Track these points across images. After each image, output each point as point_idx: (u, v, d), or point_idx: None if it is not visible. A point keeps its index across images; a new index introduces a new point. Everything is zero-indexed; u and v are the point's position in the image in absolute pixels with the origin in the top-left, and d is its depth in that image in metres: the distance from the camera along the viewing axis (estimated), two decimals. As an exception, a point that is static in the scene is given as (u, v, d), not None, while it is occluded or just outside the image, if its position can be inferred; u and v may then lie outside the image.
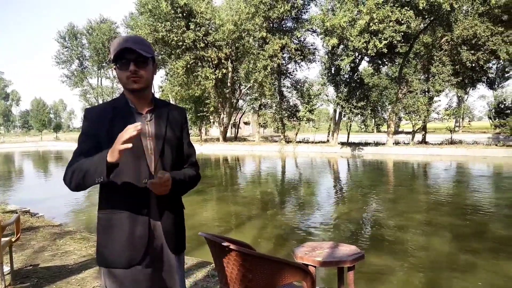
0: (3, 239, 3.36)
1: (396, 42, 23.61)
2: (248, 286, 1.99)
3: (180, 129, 1.66)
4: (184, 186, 1.60)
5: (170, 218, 1.57)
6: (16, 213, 6.00)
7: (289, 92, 35.48)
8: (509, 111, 27.41)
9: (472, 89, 37.84)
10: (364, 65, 37.51)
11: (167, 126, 1.59)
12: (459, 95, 37.66)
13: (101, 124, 1.51)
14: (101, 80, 59.00)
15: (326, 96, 33.25)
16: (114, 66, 1.52)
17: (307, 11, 32.38)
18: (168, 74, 36.19)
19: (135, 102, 1.57)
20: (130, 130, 1.25)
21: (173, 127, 1.62)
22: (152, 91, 1.63)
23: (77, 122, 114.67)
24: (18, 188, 15.24)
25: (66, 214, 9.16)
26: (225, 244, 1.95)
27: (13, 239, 3.62)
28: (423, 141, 29.58)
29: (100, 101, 55.53)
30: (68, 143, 49.29)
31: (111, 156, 1.28)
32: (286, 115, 33.91)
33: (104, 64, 54.72)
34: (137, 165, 1.49)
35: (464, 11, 26.22)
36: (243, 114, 49.14)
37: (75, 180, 1.39)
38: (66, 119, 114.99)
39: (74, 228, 6.61)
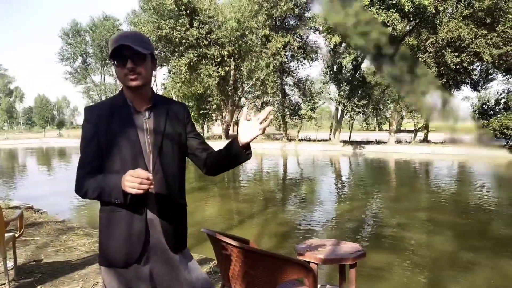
0: (6, 234, 3.36)
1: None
2: (250, 282, 2.01)
3: (181, 124, 1.64)
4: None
5: (169, 215, 1.55)
6: (20, 208, 6.02)
7: (291, 90, 35.49)
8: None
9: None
10: (367, 63, 37.44)
11: (166, 123, 1.57)
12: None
13: (99, 123, 1.51)
14: (104, 77, 59.12)
15: (328, 94, 33.27)
16: (113, 63, 1.50)
17: (309, 9, 32.33)
18: (171, 72, 36.21)
19: (134, 100, 1.55)
20: (139, 180, 1.31)
21: (173, 123, 1.60)
22: (152, 88, 1.62)
23: (80, 119, 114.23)
24: (21, 184, 15.31)
25: (69, 210, 9.23)
26: (227, 240, 1.97)
27: (16, 235, 3.61)
28: (425, 140, 29.56)
29: (104, 98, 55.63)
30: (71, 140, 49.38)
31: (123, 186, 1.35)
32: (288, 113, 33.90)
33: (108, 61, 54.82)
34: (135, 163, 1.47)
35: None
36: (245, 112, 49.07)
37: (90, 196, 1.46)
38: (69, 116, 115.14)
39: (77, 224, 6.64)
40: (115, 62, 1.49)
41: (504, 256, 5.76)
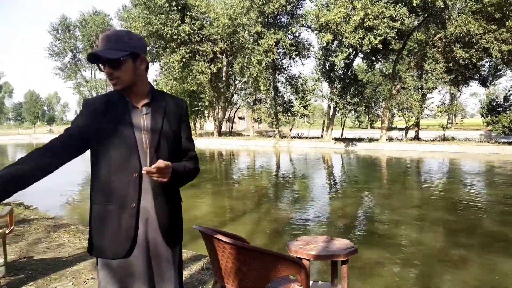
0: (-4, 231, 3.36)
1: (390, 38, 23.68)
2: (242, 279, 2.01)
3: (178, 121, 1.62)
4: (182, 178, 1.60)
5: (165, 211, 1.55)
6: (10, 205, 5.95)
7: (284, 87, 35.55)
8: (501, 109, 27.72)
9: (465, 86, 38.16)
10: (358, 62, 37.60)
11: (164, 119, 1.56)
12: (451, 92, 37.96)
13: (93, 116, 1.50)
14: (94, 73, 58.49)
15: (321, 91, 33.38)
16: (97, 65, 1.55)
17: (302, 7, 32.35)
18: (163, 68, 35.98)
19: (130, 96, 1.55)
20: None
21: (171, 120, 1.59)
22: (150, 83, 1.61)
23: (71, 115, 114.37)
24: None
25: (60, 207, 9.11)
26: (220, 237, 1.96)
27: (6, 231, 3.61)
28: (416, 138, 29.82)
29: (94, 94, 55.20)
30: (61, 136, 48.84)
31: None
32: (280, 110, 33.96)
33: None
34: (128, 159, 1.48)
35: (457, 9, 26.38)
36: (237, 109, 49.08)
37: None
38: (60, 111, 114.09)
39: (69, 221, 6.59)
40: (99, 65, 1.51)
41: (494, 252, 5.84)
